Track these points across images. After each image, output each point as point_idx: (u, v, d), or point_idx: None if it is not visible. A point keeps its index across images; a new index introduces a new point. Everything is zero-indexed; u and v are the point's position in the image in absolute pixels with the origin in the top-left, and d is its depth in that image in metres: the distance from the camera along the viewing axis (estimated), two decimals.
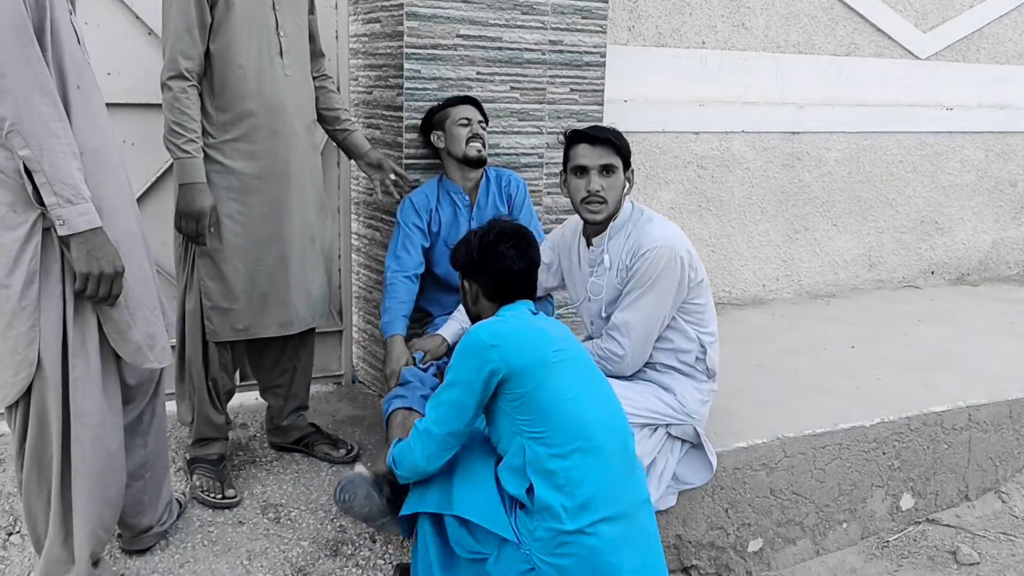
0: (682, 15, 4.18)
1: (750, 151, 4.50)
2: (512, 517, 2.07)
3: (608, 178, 2.54)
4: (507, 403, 2.07)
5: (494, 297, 2.24)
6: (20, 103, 1.83)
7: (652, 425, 2.60)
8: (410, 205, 2.97)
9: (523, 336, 2.09)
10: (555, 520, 2.00)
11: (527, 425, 2.06)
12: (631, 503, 2.08)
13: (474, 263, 2.24)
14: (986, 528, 3.25)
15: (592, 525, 1.99)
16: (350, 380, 3.63)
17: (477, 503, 2.10)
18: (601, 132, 2.57)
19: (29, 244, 1.95)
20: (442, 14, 3.10)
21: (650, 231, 2.55)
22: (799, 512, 3.00)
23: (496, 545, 2.07)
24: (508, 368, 2.03)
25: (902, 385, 3.45)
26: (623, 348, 2.58)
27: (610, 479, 2.05)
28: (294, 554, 2.51)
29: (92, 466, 2.09)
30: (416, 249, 2.92)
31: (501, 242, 2.22)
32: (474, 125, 2.94)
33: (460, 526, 2.12)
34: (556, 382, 2.05)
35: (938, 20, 4.92)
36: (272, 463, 2.97)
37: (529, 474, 2.04)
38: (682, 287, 2.55)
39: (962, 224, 5.31)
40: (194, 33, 2.47)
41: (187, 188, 2.50)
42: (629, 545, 2.04)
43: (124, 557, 2.43)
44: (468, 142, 2.92)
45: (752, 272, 4.66)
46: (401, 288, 2.86)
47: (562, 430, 2.03)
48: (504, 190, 3.04)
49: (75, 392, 2.04)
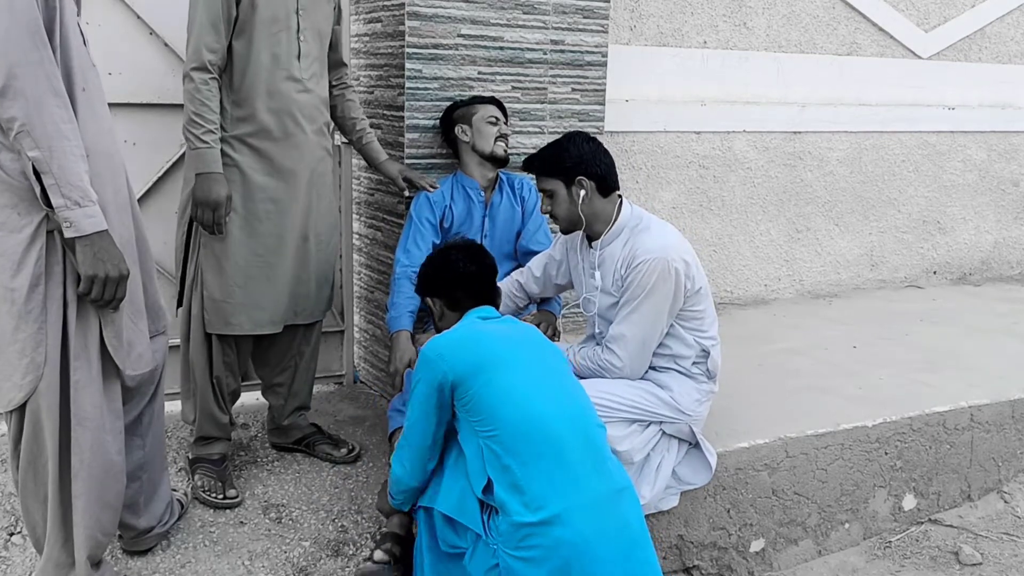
0: (684, 15, 4.18)
1: (752, 151, 4.50)
2: (485, 514, 2.11)
3: (550, 200, 2.61)
4: (460, 408, 2.15)
5: (455, 307, 2.35)
6: (32, 105, 1.83)
7: (643, 421, 2.60)
8: (425, 199, 2.97)
9: (462, 343, 2.19)
10: (514, 513, 2.03)
11: (479, 425, 2.12)
12: (601, 493, 2.09)
13: (430, 277, 2.38)
14: (988, 528, 3.24)
15: (555, 516, 2.00)
16: (351, 380, 3.63)
17: (453, 497, 2.16)
18: (532, 160, 2.63)
19: (34, 246, 1.95)
20: (443, 14, 3.10)
21: (644, 241, 2.54)
22: (801, 512, 2.99)
23: (472, 540, 2.12)
24: (454, 375, 2.13)
25: (904, 385, 3.44)
26: (621, 360, 2.58)
27: (570, 470, 2.07)
28: (296, 554, 2.51)
29: (92, 469, 2.09)
30: (427, 244, 2.92)
31: (451, 252, 2.37)
32: (502, 125, 3.00)
33: (444, 521, 2.18)
34: (502, 380, 2.12)
35: (940, 19, 4.91)
36: (273, 463, 2.97)
37: (488, 471, 2.09)
38: (678, 297, 2.54)
39: (964, 224, 5.31)
40: (219, 27, 2.51)
41: (204, 177, 2.53)
42: (604, 536, 2.03)
43: (125, 558, 2.43)
44: (496, 140, 2.97)
45: (754, 272, 4.66)
46: (409, 285, 2.86)
47: (511, 426, 2.08)
48: (518, 192, 3.08)
49: (76, 395, 2.03)
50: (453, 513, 2.14)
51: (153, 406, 2.33)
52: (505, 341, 2.21)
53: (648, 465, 2.61)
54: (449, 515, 2.15)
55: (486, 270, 2.37)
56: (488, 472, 2.09)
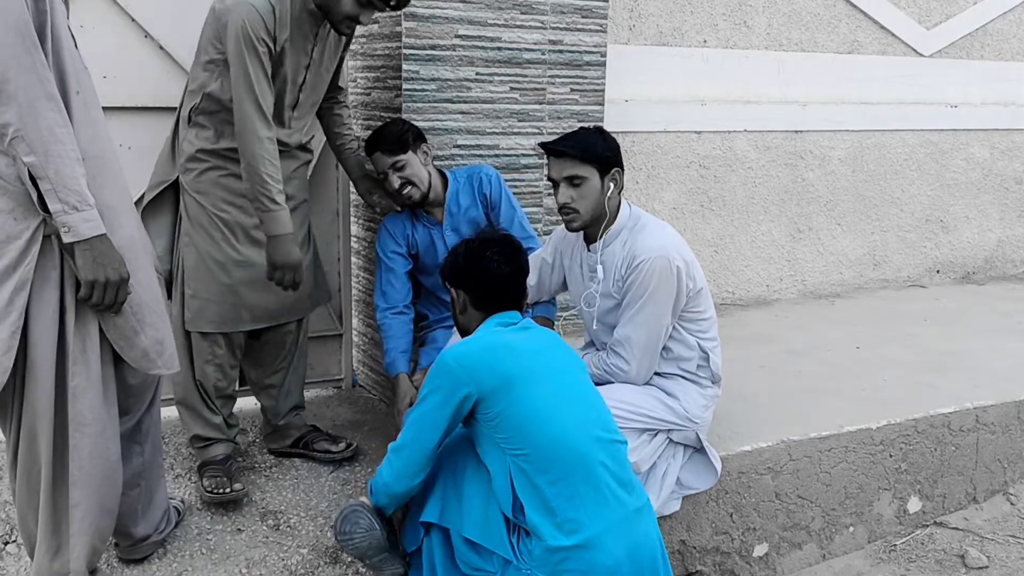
0: (683, 14, 4.15)
1: (753, 150, 4.47)
2: (514, 536, 2.06)
3: (577, 188, 2.46)
4: (484, 423, 2.08)
5: (480, 306, 2.25)
6: (25, 109, 1.81)
7: (652, 430, 2.57)
8: (386, 233, 2.93)
9: (490, 355, 2.09)
10: (548, 537, 1.98)
11: (506, 443, 2.05)
12: (628, 512, 2.06)
13: (460, 269, 2.26)
14: (994, 531, 3.21)
15: (589, 540, 1.97)
16: (350, 384, 3.60)
17: (478, 521, 2.09)
18: (563, 144, 2.46)
19: (28, 252, 1.93)
20: (440, 14, 3.07)
21: (643, 240, 2.49)
22: (805, 516, 2.97)
23: (500, 564, 2.06)
24: (480, 391, 2.05)
25: (908, 386, 3.42)
26: (628, 364, 2.55)
27: (599, 490, 2.03)
28: (293, 562, 2.49)
29: (91, 475, 2.07)
30: (400, 279, 2.89)
31: (487, 248, 2.24)
32: (392, 176, 2.79)
33: (465, 543, 2.11)
34: (530, 397, 2.05)
35: (942, 17, 4.88)
36: (271, 469, 2.95)
37: (517, 493, 2.03)
38: (680, 296, 2.50)
39: (967, 222, 5.28)
40: (267, 83, 2.52)
41: (282, 240, 2.56)
42: (634, 557, 2.01)
43: (122, 566, 2.41)
44: (401, 190, 2.81)
45: (755, 272, 4.63)
46: (394, 325, 2.84)
47: (541, 445, 2.02)
48: (478, 191, 2.93)
49: (75, 401, 2.01)
50: (479, 539, 2.07)
51: (151, 412, 2.31)
52: (532, 353, 2.13)
53: (654, 473, 2.59)
54: (475, 540, 2.08)
55: (519, 272, 2.26)
56: (518, 492, 2.03)
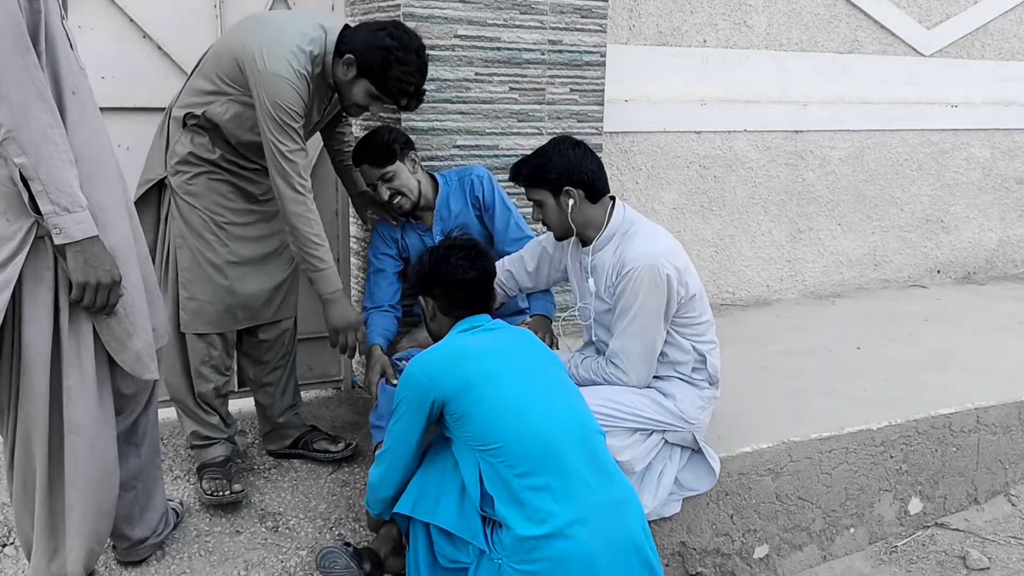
0: (683, 13, 4.14)
1: (753, 150, 4.46)
2: (488, 528, 2.08)
3: (540, 209, 2.56)
4: (453, 424, 2.13)
5: (449, 311, 2.31)
6: (17, 110, 1.80)
7: (645, 430, 2.56)
8: (377, 237, 2.94)
9: (448, 361, 2.16)
10: (517, 527, 2.00)
11: (473, 441, 2.09)
12: (604, 502, 2.06)
13: (426, 277, 2.32)
14: (996, 532, 3.20)
15: (559, 529, 1.98)
16: (349, 385, 3.60)
17: (453, 511, 2.13)
18: (518, 167, 2.56)
19: (18, 254, 1.91)
20: (439, 14, 3.06)
21: (633, 247, 2.49)
22: (805, 517, 2.95)
23: (476, 555, 2.08)
24: (440, 395, 2.10)
25: (909, 387, 3.41)
26: (627, 374, 2.55)
27: (570, 481, 2.04)
28: (292, 564, 2.48)
29: (87, 477, 2.06)
30: (388, 282, 2.90)
31: (451, 253, 2.30)
32: (381, 187, 2.77)
33: (442, 535, 2.14)
34: (494, 396, 2.09)
35: (942, 16, 4.87)
36: (270, 471, 2.94)
37: (486, 487, 2.07)
38: (671, 304, 2.49)
39: (968, 222, 5.27)
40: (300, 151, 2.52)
41: (337, 302, 2.60)
42: (609, 546, 2.01)
43: (120, 569, 2.40)
44: (391, 200, 2.79)
45: (756, 272, 4.62)
46: (377, 318, 2.85)
47: (507, 440, 2.05)
48: (469, 194, 2.91)
49: (69, 402, 2.00)
50: (454, 529, 2.11)
51: (148, 414, 2.30)
52: (494, 354, 2.18)
53: (649, 474, 2.58)
54: (450, 531, 2.11)
55: (485, 276, 2.32)
56: (487, 486, 2.06)
